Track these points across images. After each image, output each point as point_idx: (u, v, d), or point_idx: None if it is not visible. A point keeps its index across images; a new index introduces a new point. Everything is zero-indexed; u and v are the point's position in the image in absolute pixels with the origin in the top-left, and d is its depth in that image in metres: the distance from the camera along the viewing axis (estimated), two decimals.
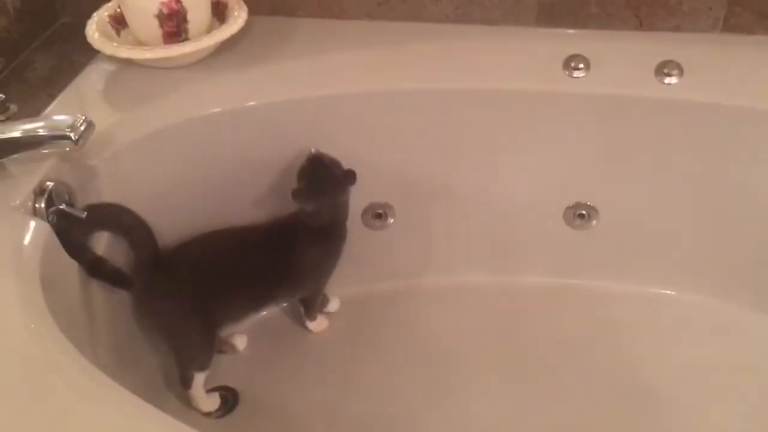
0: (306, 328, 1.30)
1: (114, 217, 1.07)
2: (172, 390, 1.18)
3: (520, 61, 1.22)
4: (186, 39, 1.19)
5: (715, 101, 1.15)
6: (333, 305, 1.33)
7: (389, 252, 1.35)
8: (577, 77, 1.19)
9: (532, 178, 1.29)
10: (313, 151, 1.11)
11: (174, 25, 1.18)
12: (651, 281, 1.33)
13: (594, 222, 1.31)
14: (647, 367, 1.23)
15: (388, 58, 1.23)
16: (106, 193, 1.06)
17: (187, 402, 1.16)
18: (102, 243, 1.05)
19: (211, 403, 1.18)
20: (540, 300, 1.34)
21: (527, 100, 1.21)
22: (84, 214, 0.98)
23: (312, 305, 1.27)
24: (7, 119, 1.08)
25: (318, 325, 1.30)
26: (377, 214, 1.33)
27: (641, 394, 1.19)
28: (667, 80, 1.16)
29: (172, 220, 1.13)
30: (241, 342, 1.28)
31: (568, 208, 1.31)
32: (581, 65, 1.18)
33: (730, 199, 1.23)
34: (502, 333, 1.30)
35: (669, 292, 1.32)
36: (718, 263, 1.29)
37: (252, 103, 1.14)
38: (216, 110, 1.13)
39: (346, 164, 1.12)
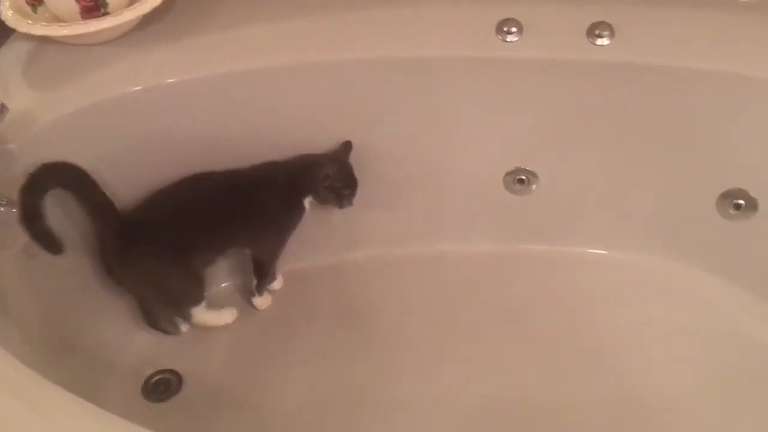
0: (249, 306, 1.28)
1: (59, 174, 1.03)
2: (108, 376, 1.16)
3: (453, 27, 1.20)
4: (105, 14, 1.15)
5: (647, 62, 1.14)
6: (277, 283, 1.31)
7: (325, 227, 1.33)
8: (511, 42, 1.17)
9: (471, 145, 1.28)
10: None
11: (91, 0, 1.13)
12: (593, 243, 1.34)
13: (534, 187, 1.31)
14: (591, 328, 1.25)
15: (315, 28, 1.20)
16: None
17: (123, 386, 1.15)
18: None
19: (224, 316, 1.25)
20: (484, 267, 1.35)
21: (462, 66, 1.19)
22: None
23: (264, 275, 1.27)
24: None
25: (263, 302, 1.29)
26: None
27: (585, 355, 1.20)
28: (599, 42, 1.15)
29: None
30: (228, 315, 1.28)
31: (508, 173, 1.30)
32: (514, 29, 1.17)
33: (666, 158, 1.23)
34: (446, 302, 1.30)
35: (611, 253, 1.33)
36: (658, 223, 1.30)
37: (173, 80, 1.11)
38: (137, 88, 1.10)
39: (271, 139, 1.10)
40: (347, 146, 1.22)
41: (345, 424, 1.13)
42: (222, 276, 1.31)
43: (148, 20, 1.18)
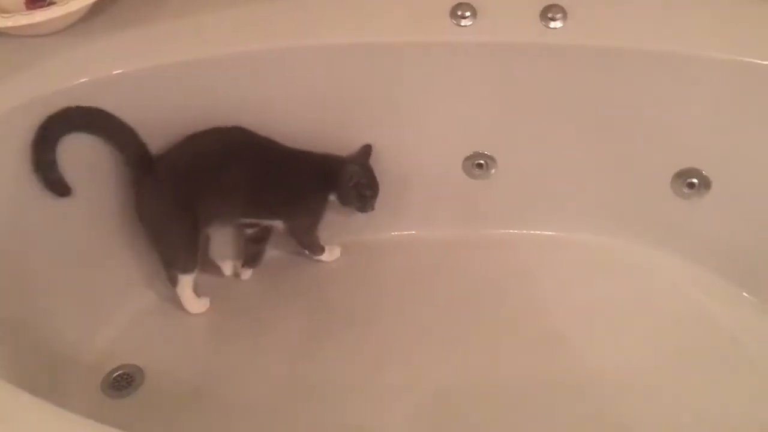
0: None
1: (98, 120, 1.09)
2: (67, 373, 1.15)
3: (407, 12, 1.19)
4: (51, 3, 1.12)
5: (600, 44, 1.15)
6: (328, 255, 1.33)
7: None
8: (465, 26, 1.17)
9: (430, 131, 1.28)
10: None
11: None
12: (552, 225, 1.35)
13: (493, 171, 1.31)
14: (551, 309, 1.26)
15: (269, 15, 1.19)
16: None
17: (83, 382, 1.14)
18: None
19: (198, 305, 1.24)
20: (445, 252, 1.35)
21: (417, 51, 1.19)
22: None
23: (303, 246, 1.31)
24: None
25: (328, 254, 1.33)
26: None
27: (545, 336, 1.22)
28: (552, 25, 1.15)
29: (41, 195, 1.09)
30: (227, 267, 1.30)
31: (467, 158, 1.31)
32: (468, 13, 1.16)
33: (621, 140, 1.24)
34: (407, 287, 1.31)
35: (569, 235, 1.34)
36: (615, 204, 1.31)
37: (120, 71, 1.09)
38: (84, 80, 1.07)
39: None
40: (367, 149, 1.24)
41: (309, 414, 1.12)
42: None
43: (97, 9, 1.15)
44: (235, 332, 1.25)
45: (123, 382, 1.17)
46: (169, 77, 1.12)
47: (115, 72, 1.08)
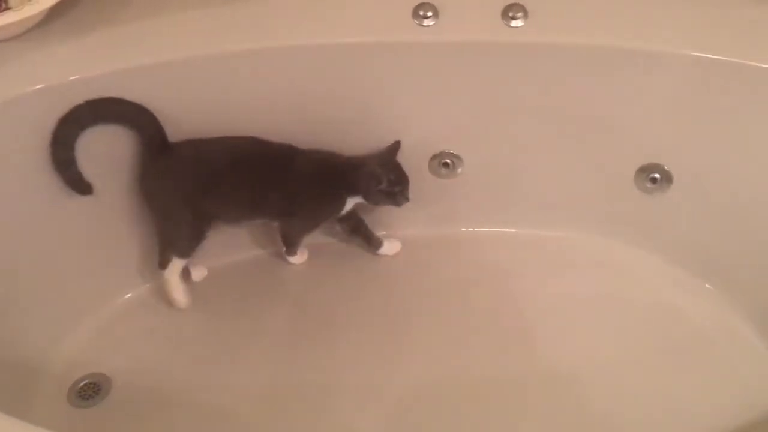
0: (173, 306, 1.25)
1: (113, 108, 1.11)
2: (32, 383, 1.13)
3: (370, 13, 1.19)
4: (6, 8, 1.10)
5: (561, 42, 1.16)
6: (298, 258, 1.33)
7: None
8: (428, 26, 1.17)
9: (395, 131, 1.26)
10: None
11: None
12: (518, 223, 1.35)
13: (459, 170, 1.32)
14: (520, 306, 1.27)
15: (230, 17, 1.18)
16: None
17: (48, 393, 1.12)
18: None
19: (183, 296, 1.23)
20: (416, 252, 1.35)
21: (380, 52, 1.19)
22: None
23: (288, 246, 1.30)
24: None
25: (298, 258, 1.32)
26: None
27: (516, 332, 1.23)
28: (513, 23, 1.16)
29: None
30: (198, 273, 1.30)
31: (433, 157, 1.31)
32: (430, 13, 1.17)
33: (586, 136, 1.25)
34: (376, 288, 1.31)
35: (535, 231, 1.35)
36: (580, 200, 1.32)
37: (77, 77, 1.07)
38: (40, 86, 1.05)
39: (192, 133, 1.07)
40: (396, 146, 1.23)
41: (285, 417, 1.12)
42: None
43: (54, 14, 1.13)
44: (206, 338, 1.24)
45: (90, 391, 1.15)
46: (126, 82, 1.10)
47: (71, 78, 1.07)
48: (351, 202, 1.23)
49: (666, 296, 1.26)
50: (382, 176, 1.19)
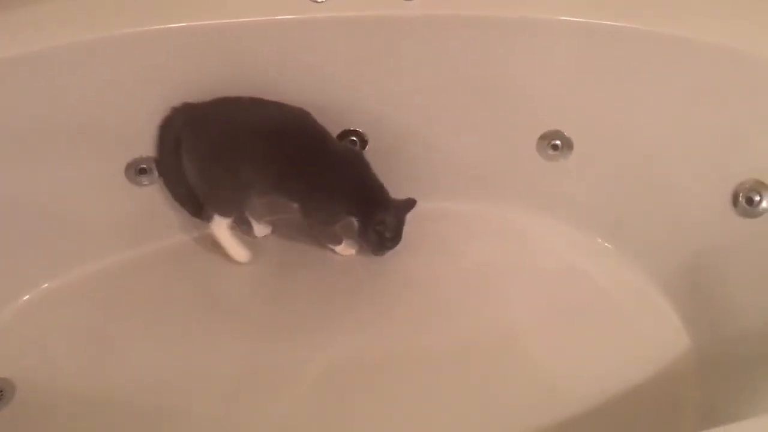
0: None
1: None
2: None
3: None
4: None
5: (454, 13, 1.16)
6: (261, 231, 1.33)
7: (163, 206, 1.29)
8: (321, 2, 1.16)
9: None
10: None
11: None
12: (426, 196, 1.32)
13: (367, 148, 1.31)
14: (434, 279, 1.29)
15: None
16: None
17: None
18: None
19: (240, 251, 1.26)
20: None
21: (278, 30, 1.17)
22: None
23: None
24: None
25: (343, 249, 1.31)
26: (141, 170, 1.25)
27: (431, 305, 1.24)
28: None
29: None
30: (260, 230, 1.33)
31: (337, 136, 1.29)
32: None
33: (485, 107, 1.26)
34: (298, 268, 1.30)
35: (443, 204, 1.36)
36: (485, 171, 1.34)
37: None
38: None
39: (92, 121, 1.08)
40: (412, 204, 1.25)
41: (193, 407, 1.10)
42: None
43: None
44: (108, 333, 1.20)
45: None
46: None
47: None
48: (348, 220, 1.25)
49: (572, 259, 1.30)
50: (390, 222, 1.22)
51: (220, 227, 1.24)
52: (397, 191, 1.33)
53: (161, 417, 1.09)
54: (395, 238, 1.24)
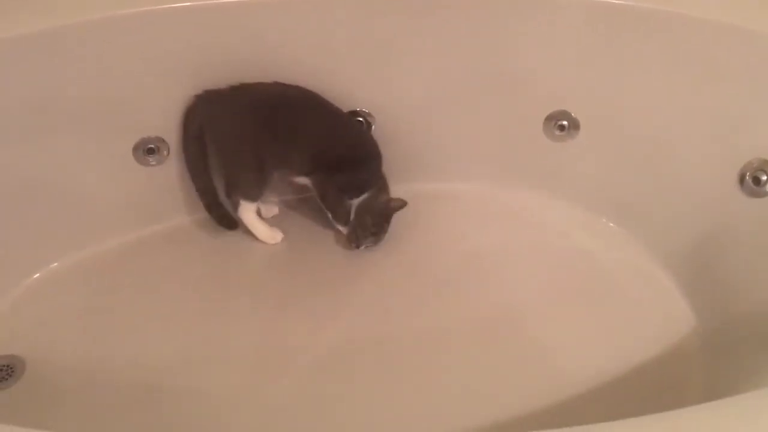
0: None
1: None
2: None
3: None
4: None
5: None
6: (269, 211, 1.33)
7: (171, 186, 1.29)
8: None
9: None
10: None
11: None
12: (433, 178, 1.37)
13: (373, 127, 1.31)
14: (441, 259, 1.29)
15: None
16: None
17: None
18: None
19: (269, 232, 1.28)
20: None
21: (283, 9, 1.17)
22: None
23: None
24: None
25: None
26: (149, 150, 1.26)
27: (439, 285, 1.24)
28: None
29: None
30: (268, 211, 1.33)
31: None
32: None
33: (491, 88, 1.27)
34: (299, 252, 1.30)
35: (450, 186, 1.37)
36: (492, 153, 1.34)
37: None
38: None
39: (100, 101, 1.08)
40: (401, 203, 1.26)
41: (205, 382, 1.10)
42: None
43: None
44: (119, 312, 1.21)
45: (3, 373, 1.12)
46: None
47: None
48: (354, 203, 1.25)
49: (578, 240, 1.30)
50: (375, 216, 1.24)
51: (248, 212, 1.26)
52: (401, 172, 1.34)
53: (170, 394, 1.09)
54: (377, 230, 1.24)
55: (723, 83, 1.12)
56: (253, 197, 1.24)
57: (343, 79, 1.25)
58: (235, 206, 1.25)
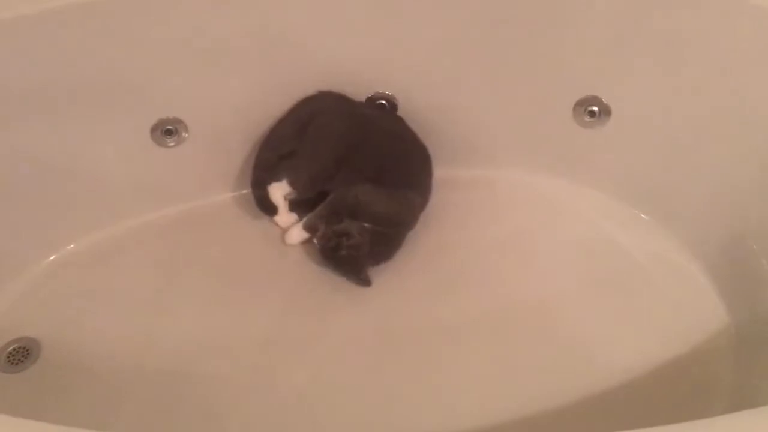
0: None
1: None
2: None
3: None
4: None
5: None
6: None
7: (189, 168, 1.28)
8: None
9: (322, 73, 1.23)
10: None
11: None
12: (460, 164, 1.32)
13: (397, 112, 1.28)
14: (469, 247, 1.26)
15: None
16: None
17: None
18: None
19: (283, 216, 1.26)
20: None
21: None
22: None
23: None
24: None
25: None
26: (167, 131, 1.24)
27: (466, 273, 1.22)
28: None
29: None
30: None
31: (368, 99, 1.27)
32: None
33: (520, 73, 1.23)
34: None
35: (479, 172, 1.33)
36: (521, 139, 1.30)
37: None
38: None
39: (118, 81, 1.08)
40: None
41: (219, 374, 1.09)
42: None
43: None
44: (136, 296, 1.20)
45: (18, 356, 1.12)
46: None
47: None
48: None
49: (607, 230, 1.26)
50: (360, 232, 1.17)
51: (277, 192, 1.24)
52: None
53: (187, 378, 1.09)
54: (357, 247, 1.17)
55: (763, 70, 1.06)
56: (305, 191, 1.23)
57: (365, 61, 1.22)
58: (276, 179, 1.23)
